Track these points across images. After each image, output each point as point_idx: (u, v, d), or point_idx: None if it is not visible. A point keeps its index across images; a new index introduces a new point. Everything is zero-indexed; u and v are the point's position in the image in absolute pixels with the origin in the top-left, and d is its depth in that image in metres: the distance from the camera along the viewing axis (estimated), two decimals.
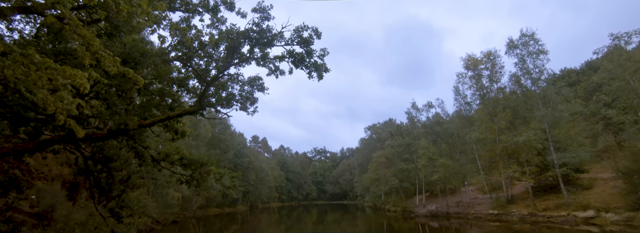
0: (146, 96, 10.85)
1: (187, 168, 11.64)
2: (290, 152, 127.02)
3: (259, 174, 69.59)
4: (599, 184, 26.79)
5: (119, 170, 11.06)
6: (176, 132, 11.67)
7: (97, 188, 10.95)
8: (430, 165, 40.55)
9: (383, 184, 50.67)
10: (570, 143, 28.20)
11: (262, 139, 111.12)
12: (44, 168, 15.90)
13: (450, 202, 39.47)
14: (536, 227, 23.38)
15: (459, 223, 29.33)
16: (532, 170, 29.20)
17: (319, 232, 28.43)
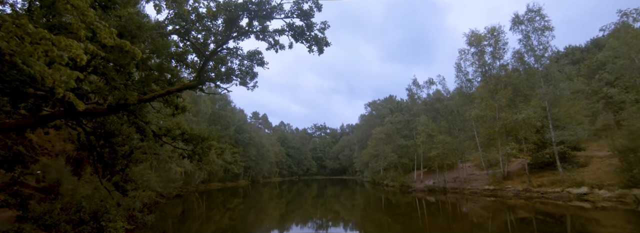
0: (145, 71, 10.70)
1: (189, 143, 11.71)
2: (290, 128, 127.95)
3: (259, 150, 70.51)
4: (595, 162, 27.20)
5: (121, 145, 11.14)
6: (176, 107, 11.63)
7: (100, 163, 11.09)
8: (429, 141, 40.99)
9: (382, 160, 51.50)
10: (569, 122, 28.31)
11: (262, 115, 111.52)
12: (47, 144, 16.05)
13: (447, 177, 40.32)
14: (530, 202, 24.03)
15: (454, 198, 30.13)
16: (530, 148, 29.55)
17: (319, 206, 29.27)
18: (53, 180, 13.01)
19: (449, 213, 21.53)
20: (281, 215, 23.74)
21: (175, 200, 30.92)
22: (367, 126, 72.00)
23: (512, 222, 16.71)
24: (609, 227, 14.34)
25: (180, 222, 19.23)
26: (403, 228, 17.01)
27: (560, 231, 14.28)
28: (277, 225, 18.96)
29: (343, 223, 20.22)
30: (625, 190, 21.01)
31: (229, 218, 21.28)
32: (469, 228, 15.97)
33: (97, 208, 11.21)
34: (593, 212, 18.57)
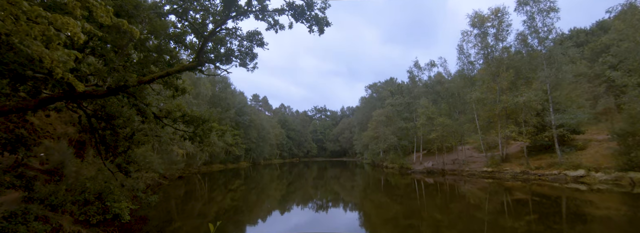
0: (143, 52, 10.56)
1: (190, 125, 11.75)
2: (290, 111, 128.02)
3: (260, 132, 70.89)
4: (593, 145, 27.41)
5: (123, 128, 11.17)
6: (176, 88, 11.57)
7: (102, 145, 11.17)
8: (429, 124, 41.14)
9: (382, 142, 51.89)
10: (569, 105, 28.29)
11: (262, 98, 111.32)
12: (49, 127, 16.13)
13: (446, 159, 40.76)
14: (526, 184, 24.41)
15: (453, 180, 30.59)
16: (529, 131, 29.68)
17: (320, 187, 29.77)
18: (57, 162, 13.14)
19: (447, 194, 21.92)
20: (282, 196, 24.19)
21: (178, 182, 31.42)
22: (368, 108, 72.00)
23: (508, 203, 17.04)
24: (603, 209, 14.64)
25: (184, 203, 19.62)
26: (401, 208, 17.37)
27: (555, 212, 14.59)
28: (279, 206, 19.36)
29: (343, 203, 20.64)
30: (621, 173, 21.31)
31: (231, 199, 21.69)
32: (466, 209, 16.31)
33: (101, 189, 11.40)
34: (588, 193, 18.90)
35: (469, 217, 14.42)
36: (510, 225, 12.25)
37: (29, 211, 9.01)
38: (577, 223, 12.28)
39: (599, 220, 12.72)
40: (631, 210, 14.09)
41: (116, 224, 11.66)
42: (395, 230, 12.62)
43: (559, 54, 29.36)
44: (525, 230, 11.47)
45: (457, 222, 13.67)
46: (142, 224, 13.59)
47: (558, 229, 11.52)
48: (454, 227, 12.78)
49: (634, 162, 20.77)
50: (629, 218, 12.73)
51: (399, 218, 15.01)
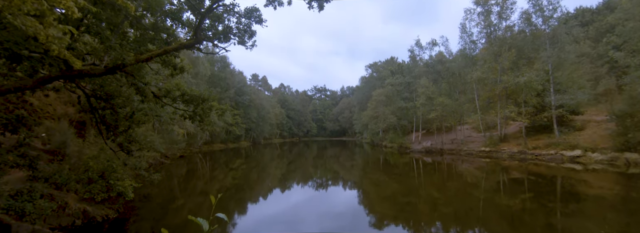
0: (139, 30, 10.34)
1: (189, 104, 11.73)
2: (290, 90, 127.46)
3: (260, 112, 70.97)
4: (592, 126, 27.53)
5: (123, 107, 11.16)
6: (175, 67, 11.44)
7: (103, 124, 11.20)
8: (429, 103, 41.12)
9: (381, 121, 52.09)
10: (570, 86, 28.14)
11: (262, 78, 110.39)
12: (48, 107, 16.10)
13: (445, 139, 41.11)
14: (523, 163, 24.77)
15: (450, 159, 31.02)
16: (529, 111, 29.72)
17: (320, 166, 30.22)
18: (58, 142, 13.22)
19: (444, 173, 22.30)
20: (283, 174, 24.60)
21: (180, 161, 31.85)
22: (368, 88, 71.67)
23: (504, 182, 17.37)
24: (596, 188, 14.94)
25: (186, 181, 19.98)
26: (399, 186, 17.73)
27: (550, 191, 14.90)
28: (279, 184, 19.73)
29: (342, 182, 21.03)
30: (617, 154, 21.57)
31: (232, 177, 22.08)
32: (462, 187, 16.65)
33: (104, 168, 11.55)
34: (583, 173, 19.22)
35: (465, 195, 14.75)
36: (505, 203, 12.56)
37: (35, 189, 9.18)
38: (570, 202, 12.58)
39: (592, 198, 13.02)
40: (624, 189, 14.39)
41: (121, 202, 11.93)
42: (393, 208, 12.95)
43: (562, 33, 28.83)
44: (519, 208, 11.77)
45: (454, 200, 14.00)
46: (146, 202, 13.92)
47: (552, 207, 11.82)
48: (451, 205, 13.10)
49: (630, 142, 20.96)
50: (622, 197, 13.02)
51: (397, 196, 15.36)
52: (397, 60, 72.57)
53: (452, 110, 38.93)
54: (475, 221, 10.42)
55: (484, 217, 10.83)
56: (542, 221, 10.07)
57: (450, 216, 11.31)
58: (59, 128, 13.91)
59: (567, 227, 9.36)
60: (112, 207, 11.27)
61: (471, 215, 11.18)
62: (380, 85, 61.40)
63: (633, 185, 15.17)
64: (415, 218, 11.32)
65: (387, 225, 10.56)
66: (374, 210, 12.71)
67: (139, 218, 11.13)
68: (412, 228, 10.15)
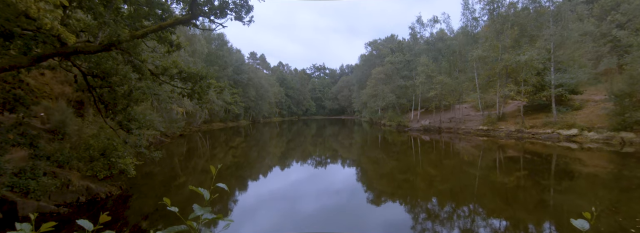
0: (133, 5, 10.03)
1: (187, 82, 11.64)
2: (289, 69, 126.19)
3: (258, 90, 70.63)
4: (590, 106, 27.59)
5: (120, 85, 11.08)
6: (171, 44, 11.23)
7: (101, 103, 11.16)
8: (428, 82, 40.94)
9: (380, 100, 52.09)
10: (571, 65, 27.91)
11: (260, 56, 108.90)
12: (45, 87, 15.97)
13: (443, 117, 41.32)
14: (520, 142, 25.06)
15: (448, 137, 31.33)
16: (528, 90, 29.66)
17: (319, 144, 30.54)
18: (57, 121, 13.23)
19: (441, 151, 22.61)
20: (282, 152, 24.91)
21: (180, 140, 32.09)
22: (367, 66, 70.97)
23: (500, 160, 17.66)
24: (590, 166, 15.22)
25: (187, 160, 20.24)
26: (397, 164, 18.04)
27: (544, 169, 15.19)
28: (279, 162, 20.03)
29: (341, 159, 21.35)
30: (613, 133, 21.79)
31: (233, 155, 22.36)
32: (459, 165, 16.95)
33: (105, 146, 11.65)
34: (578, 152, 19.51)
35: (461, 173, 15.05)
36: (500, 180, 12.84)
37: (37, 167, 9.31)
38: (563, 180, 12.86)
39: (585, 176, 13.31)
40: (617, 167, 14.67)
41: (123, 179, 12.15)
42: (390, 185, 13.24)
43: (567, 10, 28.21)
44: (514, 185, 12.05)
45: (450, 177, 14.30)
46: (148, 179, 14.18)
47: (545, 184, 12.10)
48: (447, 182, 13.40)
49: (627, 122, 21.11)
50: (614, 175, 13.31)
51: (394, 173, 15.66)
52: (397, 38, 71.37)
53: (452, 88, 38.82)
54: (470, 197, 10.70)
55: (478, 194, 11.11)
56: (535, 198, 10.35)
57: (446, 193, 11.59)
58: (57, 107, 13.87)
59: (558, 204, 9.63)
60: (115, 184, 11.49)
61: (466, 192, 11.47)
62: (379, 63, 60.77)
63: (626, 163, 15.45)
64: (412, 194, 11.60)
65: (385, 201, 10.84)
66: (371, 187, 13.01)
67: (142, 195, 11.39)
68: (409, 204, 10.44)
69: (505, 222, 8.38)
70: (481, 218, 8.88)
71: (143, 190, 12.14)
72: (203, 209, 1.24)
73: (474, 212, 9.31)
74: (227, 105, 54.07)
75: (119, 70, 10.54)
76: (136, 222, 8.63)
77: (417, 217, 9.13)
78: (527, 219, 8.45)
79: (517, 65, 29.04)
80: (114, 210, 9.44)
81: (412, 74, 49.24)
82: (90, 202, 10.07)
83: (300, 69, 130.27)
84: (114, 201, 10.34)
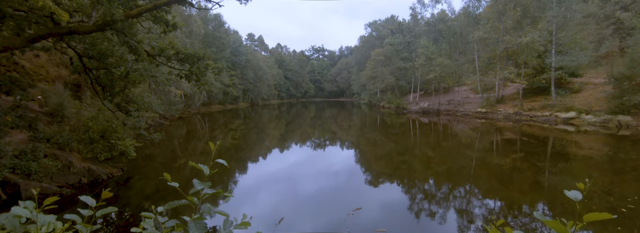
0: None
1: (184, 63, 11.52)
2: (287, 51, 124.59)
3: (257, 72, 70.02)
4: (589, 89, 27.52)
5: (117, 67, 10.95)
6: (167, 24, 11.00)
7: (98, 85, 11.08)
8: (428, 64, 40.63)
9: (379, 82, 51.84)
10: (573, 47, 27.60)
11: (258, 37, 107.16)
12: (41, 70, 15.78)
13: (442, 100, 41.32)
14: (517, 124, 25.20)
15: (447, 120, 31.46)
16: (528, 73, 29.51)
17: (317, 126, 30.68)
18: (55, 104, 13.17)
19: (439, 133, 22.77)
20: (281, 134, 25.05)
21: (178, 122, 32.14)
22: (367, 48, 70.09)
23: (497, 142, 17.83)
24: (586, 149, 15.40)
25: (186, 142, 20.37)
26: (395, 146, 18.21)
27: (541, 151, 15.37)
28: (278, 144, 20.19)
29: (339, 141, 21.51)
30: (610, 116, 21.88)
31: (232, 137, 22.48)
32: (456, 147, 17.13)
33: (104, 128, 11.68)
34: (575, 134, 19.68)
35: (458, 155, 15.23)
36: (497, 162, 13.02)
37: (37, 149, 9.36)
38: (559, 162, 13.05)
39: (580, 159, 13.50)
40: (612, 150, 14.85)
41: (124, 161, 12.27)
42: (388, 166, 13.43)
43: None
44: (510, 167, 12.24)
45: (447, 159, 14.48)
46: (148, 161, 14.33)
47: (541, 166, 12.29)
48: (444, 163, 13.59)
49: (625, 105, 21.16)
50: (609, 157, 13.50)
51: (392, 155, 15.84)
52: (398, 19, 70.02)
53: (451, 71, 38.59)
54: (467, 178, 10.89)
55: (475, 175, 11.30)
56: (530, 179, 10.54)
57: (443, 174, 11.78)
58: (54, 90, 13.77)
59: (552, 185, 9.82)
60: (116, 166, 11.61)
61: (463, 173, 11.66)
62: (379, 44, 59.99)
63: (621, 146, 15.64)
64: (410, 175, 11.79)
65: (382, 182, 11.03)
66: (369, 168, 13.19)
67: (143, 176, 11.54)
68: (406, 185, 10.63)
69: (500, 202, 8.58)
70: (477, 198, 9.08)
71: (144, 171, 12.29)
72: (203, 184, 1.26)
73: (469, 193, 9.51)
74: (225, 88, 53.74)
75: (115, 52, 10.38)
76: (138, 202, 8.80)
77: (414, 198, 9.32)
78: (521, 199, 8.64)
79: (518, 47, 28.73)
80: (116, 191, 9.59)
81: (412, 55, 48.75)
82: (92, 183, 10.21)
83: (299, 51, 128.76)
84: (116, 182, 10.49)
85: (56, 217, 1.31)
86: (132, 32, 10.06)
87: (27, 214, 1.16)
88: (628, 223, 6.77)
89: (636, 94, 20.59)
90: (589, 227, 6.69)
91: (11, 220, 1.18)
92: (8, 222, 1.18)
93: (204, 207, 1.29)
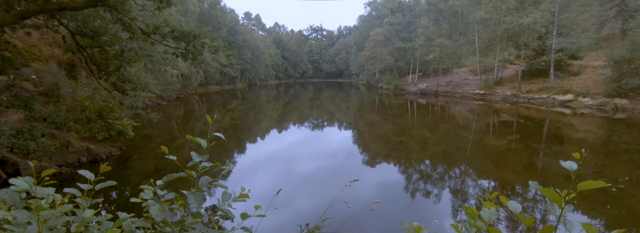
0: None
1: (180, 42, 11.33)
2: (285, 30, 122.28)
3: (254, 52, 69.03)
4: (588, 71, 27.37)
5: (111, 45, 10.75)
6: (161, 0, 10.71)
7: (93, 64, 10.92)
8: (428, 44, 40.15)
9: (378, 62, 51.34)
10: (574, 29, 27.19)
11: (255, 16, 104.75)
12: (33, 49, 15.47)
13: (441, 81, 41.16)
14: (515, 106, 25.28)
15: (444, 101, 31.50)
16: (528, 54, 29.26)
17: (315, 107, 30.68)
18: (50, 84, 13.02)
19: (437, 114, 22.86)
20: (279, 115, 25.08)
21: (176, 103, 32.01)
22: (366, 28, 68.83)
23: (493, 124, 17.96)
24: (581, 132, 15.56)
25: (184, 122, 20.39)
26: (393, 127, 18.33)
27: (536, 133, 15.53)
28: (276, 125, 20.25)
29: (337, 122, 21.61)
30: (607, 99, 21.92)
31: (230, 118, 22.50)
32: (453, 128, 17.26)
33: (101, 107, 11.62)
34: (571, 117, 19.80)
35: (455, 136, 15.38)
36: (492, 144, 13.18)
37: (35, 128, 9.35)
38: (554, 144, 13.22)
39: (575, 141, 13.66)
40: (606, 133, 15.02)
41: (122, 141, 12.32)
42: (385, 147, 13.57)
43: None
44: (505, 148, 12.40)
45: (444, 140, 14.63)
46: (147, 141, 14.39)
47: (535, 148, 12.46)
48: (440, 144, 13.74)
49: (622, 88, 21.15)
50: (603, 140, 13.66)
51: (390, 135, 15.97)
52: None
53: (451, 52, 38.19)
54: (462, 159, 11.05)
55: (470, 156, 11.46)
56: (524, 160, 10.72)
57: (439, 155, 11.94)
58: (49, 70, 13.57)
59: (546, 166, 10.00)
60: (114, 145, 11.67)
61: (458, 154, 11.82)
62: (379, 24, 58.89)
63: (615, 129, 15.79)
64: (406, 156, 11.95)
65: (379, 162, 11.18)
66: (367, 149, 13.34)
67: (142, 156, 11.63)
68: (402, 165, 10.79)
69: (493, 182, 8.76)
70: (471, 179, 9.26)
71: (142, 151, 12.37)
72: (201, 156, 1.27)
73: (464, 173, 9.68)
74: (222, 68, 53.13)
75: (109, 29, 10.15)
76: (138, 181, 8.92)
77: (410, 175, 9.50)
78: (514, 180, 8.83)
79: (519, 28, 28.31)
80: (116, 170, 9.69)
81: (412, 36, 48.03)
82: (91, 162, 10.29)
83: (297, 31, 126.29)
84: (115, 161, 10.58)
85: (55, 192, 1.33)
86: (125, 9, 9.79)
87: (25, 186, 1.17)
88: (617, 203, 6.97)
89: (634, 77, 20.55)
90: (579, 206, 6.89)
91: (11, 195, 1.19)
92: (8, 197, 1.19)
93: (203, 180, 1.30)
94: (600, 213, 6.57)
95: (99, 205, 6.49)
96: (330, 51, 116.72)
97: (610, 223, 6.22)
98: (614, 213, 6.55)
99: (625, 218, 6.36)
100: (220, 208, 1.41)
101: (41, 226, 1.15)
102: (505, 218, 6.29)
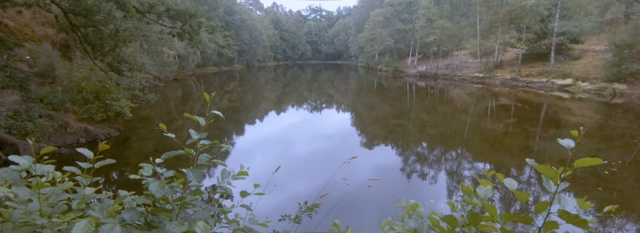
0: None
1: (176, 21, 11.10)
2: (283, 10, 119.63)
3: (252, 33, 67.83)
4: (588, 56, 27.12)
5: (105, 25, 10.51)
6: None
7: (88, 44, 10.71)
8: (428, 26, 39.53)
9: (378, 44, 50.69)
10: (578, 12, 26.70)
11: None
12: (26, 29, 15.13)
13: (440, 64, 40.85)
14: (513, 90, 25.25)
15: (443, 84, 31.40)
16: (529, 38, 28.89)
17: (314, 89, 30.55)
18: (45, 65, 12.81)
19: (436, 97, 22.86)
20: (278, 97, 25.00)
21: (173, 84, 31.76)
22: (366, 8, 67.42)
23: (491, 108, 18.01)
24: (578, 116, 15.64)
25: (182, 104, 20.32)
26: (391, 109, 18.36)
27: (533, 117, 15.60)
28: (274, 107, 20.23)
29: (336, 105, 21.60)
30: (606, 84, 21.87)
31: (228, 100, 22.42)
32: (451, 111, 17.31)
33: (97, 88, 11.52)
34: (569, 101, 19.84)
35: (453, 119, 15.45)
36: (490, 127, 13.27)
37: (32, 109, 9.30)
38: (550, 128, 13.32)
39: (571, 125, 13.76)
40: (603, 118, 15.10)
41: (120, 122, 12.31)
42: (383, 129, 13.65)
43: None
44: (502, 132, 12.50)
45: (441, 123, 14.71)
46: (145, 122, 14.39)
47: (532, 131, 12.57)
48: (438, 127, 13.83)
49: (622, 73, 21.07)
50: (599, 125, 13.76)
51: (388, 118, 16.03)
52: None
53: (452, 34, 37.67)
54: (459, 142, 11.16)
55: (467, 139, 11.57)
56: (520, 144, 10.83)
57: (436, 137, 12.04)
58: (43, 50, 13.32)
59: (541, 149, 10.13)
60: (113, 126, 11.68)
61: (456, 137, 11.92)
62: (379, 5, 57.61)
63: (612, 114, 15.87)
64: (404, 138, 12.05)
65: (377, 144, 11.28)
66: (364, 131, 13.42)
67: (141, 137, 11.67)
68: (400, 147, 10.90)
69: (489, 165, 8.89)
70: (467, 161, 9.39)
71: (141, 132, 12.40)
72: (199, 134, 1.27)
73: (461, 156, 9.80)
74: (219, 49, 52.34)
75: (102, 8, 9.88)
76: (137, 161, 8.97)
77: (407, 159, 9.61)
78: (509, 162, 8.96)
79: (521, 10, 27.79)
80: (115, 151, 9.75)
81: (412, 17, 47.17)
82: (90, 143, 10.33)
83: (296, 11, 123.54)
84: (114, 142, 10.62)
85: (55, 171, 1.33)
86: None
87: (25, 163, 1.18)
88: (609, 186, 7.12)
89: (635, 62, 20.43)
90: (571, 189, 7.04)
91: (11, 174, 1.20)
92: (8, 176, 1.19)
93: (202, 157, 1.31)
94: (592, 196, 6.72)
95: (99, 184, 6.58)
96: (330, 32, 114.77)
97: (602, 205, 6.38)
98: (605, 196, 6.70)
99: (616, 200, 6.52)
100: (220, 185, 1.43)
101: (42, 203, 1.16)
102: (500, 199, 6.43)
